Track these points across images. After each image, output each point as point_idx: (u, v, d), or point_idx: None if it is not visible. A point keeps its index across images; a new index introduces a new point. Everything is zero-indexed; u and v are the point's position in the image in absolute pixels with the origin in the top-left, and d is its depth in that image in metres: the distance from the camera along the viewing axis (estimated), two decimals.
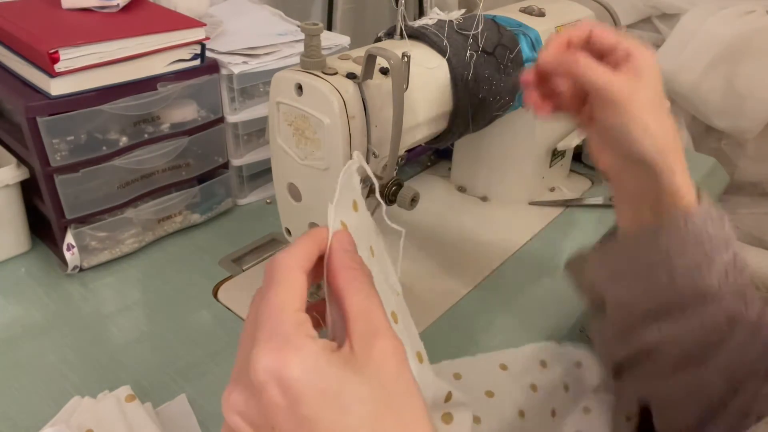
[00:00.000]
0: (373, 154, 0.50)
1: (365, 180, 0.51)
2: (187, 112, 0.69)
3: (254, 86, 0.75)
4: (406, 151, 0.55)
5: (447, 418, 0.39)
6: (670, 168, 0.42)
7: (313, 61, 0.48)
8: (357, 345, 0.27)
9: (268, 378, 0.26)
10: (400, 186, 0.51)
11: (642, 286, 0.43)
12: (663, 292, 0.42)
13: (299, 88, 0.48)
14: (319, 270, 0.32)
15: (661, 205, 0.43)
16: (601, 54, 0.44)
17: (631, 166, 0.43)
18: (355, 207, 0.36)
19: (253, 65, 0.72)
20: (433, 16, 0.59)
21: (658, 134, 0.42)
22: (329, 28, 1.40)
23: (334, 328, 0.31)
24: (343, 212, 0.34)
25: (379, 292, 0.31)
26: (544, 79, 0.46)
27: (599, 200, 0.83)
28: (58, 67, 0.57)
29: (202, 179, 0.75)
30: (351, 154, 0.48)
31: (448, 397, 0.39)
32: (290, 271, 0.30)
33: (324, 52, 0.48)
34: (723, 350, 0.40)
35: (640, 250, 0.44)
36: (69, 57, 0.58)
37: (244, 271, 0.69)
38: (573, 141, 0.79)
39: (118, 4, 0.68)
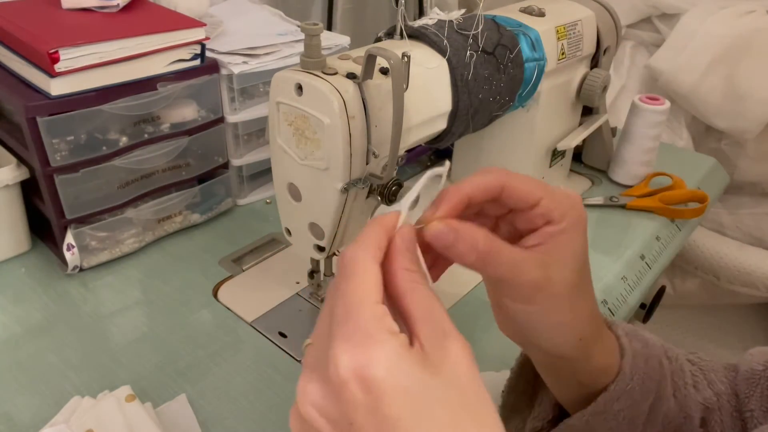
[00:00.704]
0: (373, 154, 0.50)
1: (364, 180, 0.51)
2: (187, 112, 0.69)
3: (254, 86, 0.75)
4: (406, 151, 0.55)
5: None
6: (586, 355, 0.37)
7: (313, 61, 0.48)
8: (428, 346, 0.26)
9: (350, 376, 0.25)
10: (400, 186, 0.51)
11: None
12: None
13: (299, 88, 0.48)
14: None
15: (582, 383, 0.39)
16: (515, 210, 0.35)
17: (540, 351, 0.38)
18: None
19: (253, 65, 0.72)
20: (433, 16, 0.59)
21: (575, 326, 0.35)
22: (329, 28, 1.39)
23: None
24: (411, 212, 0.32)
25: None
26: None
27: (599, 200, 0.83)
28: (58, 67, 0.57)
29: (202, 179, 0.75)
30: (351, 154, 0.48)
31: None
32: (364, 263, 0.28)
33: (324, 52, 0.48)
34: None
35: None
36: (69, 57, 0.58)
37: (244, 271, 0.69)
38: (573, 141, 0.79)
39: (118, 4, 0.68)
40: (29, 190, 0.67)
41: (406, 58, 0.46)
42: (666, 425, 0.40)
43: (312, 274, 0.62)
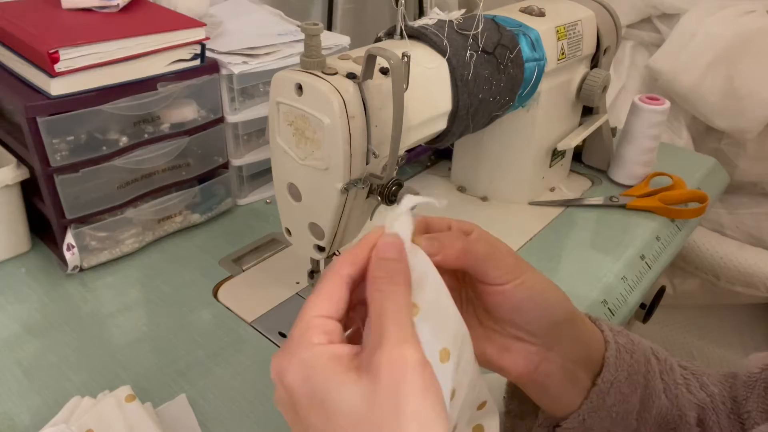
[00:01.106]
0: (373, 154, 0.50)
1: (364, 180, 0.51)
2: (187, 112, 0.69)
3: (254, 86, 0.75)
4: (406, 151, 0.55)
5: (478, 429, 0.36)
6: (578, 314, 0.38)
7: (313, 61, 0.48)
8: (365, 353, 0.28)
9: (276, 379, 0.29)
10: (400, 186, 0.51)
11: None
12: None
13: (299, 88, 0.48)
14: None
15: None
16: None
17: (545, 344, 0.38)
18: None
19: (253, 65, 0.72)
20: (433, 16, 0.59)
21: (547, 285, 0.37)
22: (329, 28, 1.39)
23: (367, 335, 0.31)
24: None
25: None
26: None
27: (599, 200, 0.83)
28: (58, 67, 0.57)
29: (202, 179, 0.75)
30: (351, 154, 0.48)
31: (482, 406, 0.36)
32: (329, 276, 0.31)
33: (324, 52, 0.48)
34: None
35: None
36: (69, 57, 0.58)
37: (244, 271, 0.69)
38: (573, 141, 0.79)
39: (118, 4, 0.68)
40: (29, 190, 0.67)
41: (406, 58, 0.46)
42: (661, 423, 0.40)
43: (312, 274, 0.62)
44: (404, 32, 0.55)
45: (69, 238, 0.65)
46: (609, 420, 0.39)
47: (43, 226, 0.68)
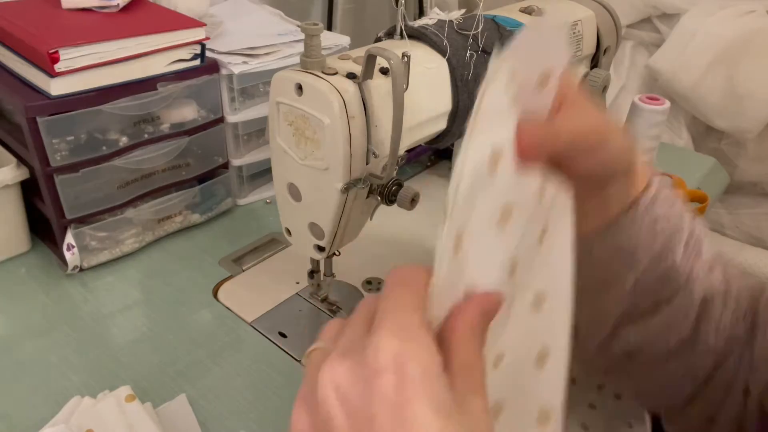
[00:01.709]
0: (373, 154, 0.50)
1: (364, 180, 0.51)
2: (187, 112, 0.69)
3: (254, 86, 0.75)
4: (406, 151, 0.55)
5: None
6: (635, 156, 0.38)
7: (313, 61, 0.48)
8: (461, 386, 0.25)
9: (390, 364, 0.24)
10: (400, 186, 0.51)
11: (609, 296, 0.41)
12: (630, 295, 0.40)
13: (299, 88, 0.48)
14: None
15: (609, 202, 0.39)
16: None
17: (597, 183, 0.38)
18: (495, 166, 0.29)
19: (253, 65, 0.72)
20: (433, 16, 0.59)
21: (620, 139, 0.37)
22: (329, 28, 1.39)
23: None
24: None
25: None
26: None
27: None
28: (58, 67, 0.57)
29: (202, 179, 0.75)
30: (351, 154, 0.48)
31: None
32: (422, 280, 0.28)
33: (324, 52, 0.48)
34: (702, 331, 0.40)
35: (601, 253, 0.40)
36: (69, 57, 0.58)
37: (244, 271, 0.69)
38: None
39: (118, 4, 0.68)
40: (29, 190, 0.67)
41: (406, 58, 0.46)
42: (664, 278, 0.39)
43: (312, 274, 0.62)
44: (404, 32, 0.55)
45: (69, 238, 0.65)
46: (619, 251, 0.39)
47: (43, 226, 0.68)
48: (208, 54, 0.70)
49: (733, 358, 0.40)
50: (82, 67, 0.59)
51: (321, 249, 0.55)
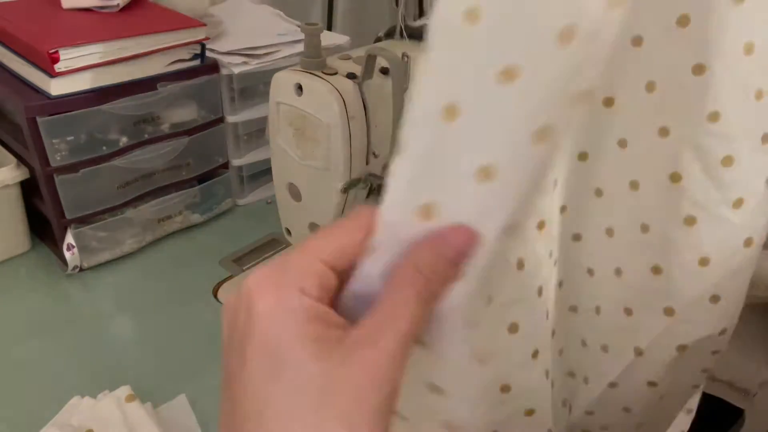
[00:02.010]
0: (373, 154, 0.50)
1: (365, 180, 0.51)
2: (187, 112, 0.69)
3: (254, 86, 0.75)
4: None
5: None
6: None
7: (313, 61, 0.48)
8: (353, 339, 0.22)
9: (245, 296, 0.22)
10: None
11: None
12: None
13: (299, 88, 0.48)
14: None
15: None
16: None
17: None
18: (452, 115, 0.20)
19: (253, 65, 0.72)
20: None
21: None
22: (329, 28, 1.39)
23: (349, 302, 0.25)
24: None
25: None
26: None
27: None
28: (58, 67, 0.57)
29: (202, 179, 0.75)
30: (351, 154, 0.48)
31: None
32: (353, 225, 0.24)
33: (324, 52, 0.48)
34: None
35: None
36: (69, 57, 0.58)
37: (244, 271, 0.69)
38: None
39: (118, 4, 0.68)
40: (29, 190, 0.67)
41: (406, 58, 0.46)
42: None
43: None
44: (404, 32, 0.55)
45: (69, 238, 0.65)
46: None
47: (43, 226, 0.68)
48: (208, 54, 0.70)
49: None
50: (82, 67, 0.59)
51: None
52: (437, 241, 0.22)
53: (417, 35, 0.57)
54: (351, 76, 0.48)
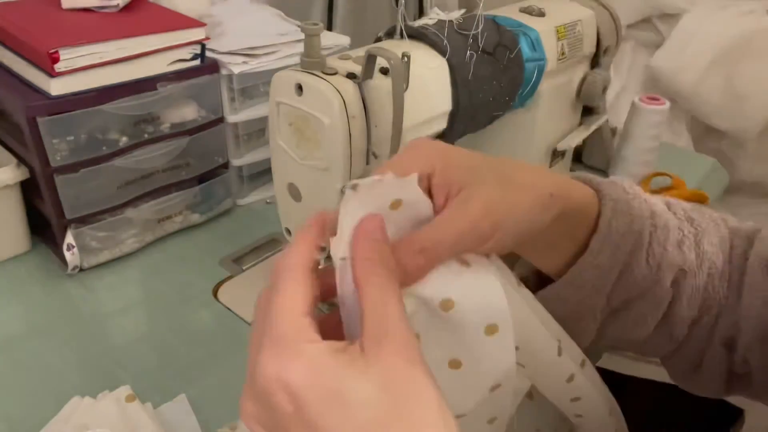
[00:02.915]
0: (373, 154, 0.50)
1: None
2: (187, 112, 0.69)
3: (254, 86, 0.75)
4: None
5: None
6: (564, 199, 0.36)
7: (313, 61, 0.48)
8: (367, 345, 0.26)
9: (274, 386, 0.26)
10: None
11: (584, 321, 0.41)
12: (603, 312, 0.41)
13: (299, 88, 0.48)
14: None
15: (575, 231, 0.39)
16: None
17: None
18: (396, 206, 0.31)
19: (253, 65, 0.72)
20: (433, 16, 0.59)
21: (531, 197, 0.34)
22: (329, 28, 1.40)
23: (350, 324, 0.30)
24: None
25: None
26: None
27: None
28: (58, 67, 0.57)
29: (202, 179, 0.75)
30: (351, 154, 0.48)
31: None
32: (293, 272, 0.29)
33: (324, 52, 0.48)
34: (676, 307, 0.40)
35: (580, 281, 0.40)
36: (69, 57, 0.58)
37: (244, 271, 0.69)
38: (573, 141, 0.79)
39: (118, 4, 0.68)
40: (29, 190, 0.67)
41: (406, 58, 0.46)
42: (634, 288, 0.40)
43: None
44: (404, 32, 0.55)
45: (69, 238, 0.65)
46: (583, 293, 0.39)
47: (43, 226, 0.68)
48: (208, 54, 0.70)
49: (708, 316, 0.41)
50: (82, 67, 0.59)
51: (321, 249, 0.55)
52: (359, 232, 0.30)
53: (417, 35, 0.57)
54: (351, 76, 0.48)
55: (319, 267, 0.30)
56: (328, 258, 0.32)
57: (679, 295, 0.40)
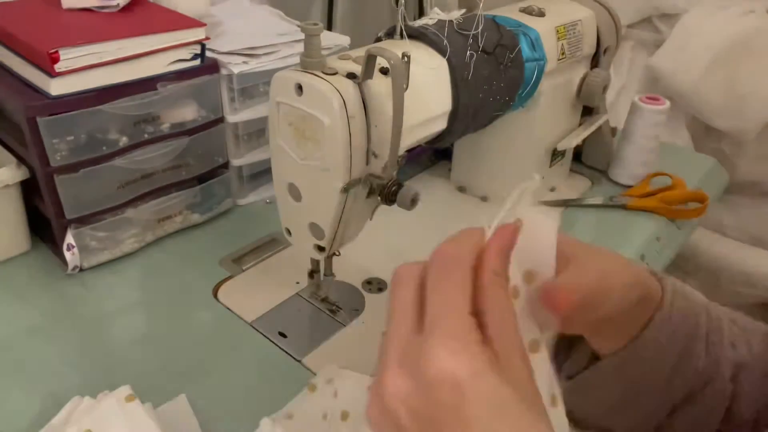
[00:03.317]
0: (373, 154, 0.50)
1: (364, 180, 0.51)
2: (187, 112, 0.69)
3: (254, 86, 0.75)
4: (406, 151, 0.55)
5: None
6: (644, 285, 0.39)
7: (313, 61, 0.48)
8: (503, 357, 0.28)
9: (444, 377, 0.27)
10: (400, 186, 0.51)
11: (644, 404, 0.42)
12: (665, 394, 0.41)
13: (299, 88, 0.48)
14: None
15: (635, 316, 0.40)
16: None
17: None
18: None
19: (253, 65, 0.72)
20: (433, 16, 0.59)
21: (627, 276, 0.37)
22: (329, 28, 1.40)
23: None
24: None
25: None
26: None
27: (599, 200, 0.83)
28: (58, 67, 0.57)
29: (202, 179, 0.75)
30: (351, 154, 0.48)
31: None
32: (464, 268, 0.31)
33: (324, 52, 0.48)
34: (739, 401, 0.41)
35: (632, 367, 0.41)
36: (69, 57, 0.58)
37: (244, 271, 0.69)
38: (573, 141, 0.79)
39: (118, 4, 0.68)
40: (29, 190, 0.67)
41: (406, 58, 0.46)
42: (696, 378, 0.40)
43: (312, 274, 0.62)
44: (404, 32, 0.55)
45: (69, 238, 0.65)
46: (642, 369, 0.40)
47: (43, 226, 0.68)
48: (208, 54, 0.70)
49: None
50: (82, 67, 0.59)
51: (321, 249, 0.55)
52: (492, 245, 0.32)
53: (417, 35, 0.57)
54: (351, 76, 0.48)
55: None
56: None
57: (739, 392, 0.41)
